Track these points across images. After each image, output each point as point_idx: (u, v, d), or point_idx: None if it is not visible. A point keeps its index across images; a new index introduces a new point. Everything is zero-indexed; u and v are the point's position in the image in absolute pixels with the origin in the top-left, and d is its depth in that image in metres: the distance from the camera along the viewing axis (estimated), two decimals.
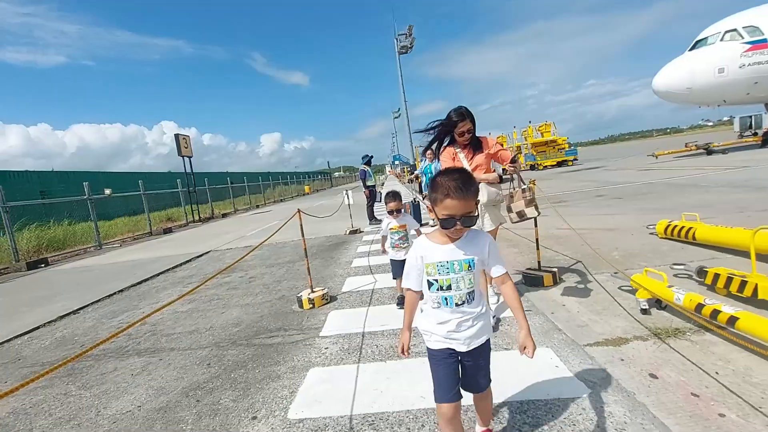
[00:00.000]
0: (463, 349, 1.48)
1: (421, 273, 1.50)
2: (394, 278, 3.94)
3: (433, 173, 7.81)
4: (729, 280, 2.73)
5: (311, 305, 3.95)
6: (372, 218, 10.10)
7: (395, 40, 37.41)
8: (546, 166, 26.92)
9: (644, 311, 2.78)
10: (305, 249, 4.29)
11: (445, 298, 1.46)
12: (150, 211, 17.52)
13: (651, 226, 5.06)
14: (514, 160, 3.08)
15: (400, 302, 3.77)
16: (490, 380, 1.62)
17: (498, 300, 3.37)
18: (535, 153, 28.13)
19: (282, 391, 2.43)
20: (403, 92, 36.77)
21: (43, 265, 10.01)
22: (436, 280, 1.47)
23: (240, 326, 3.72)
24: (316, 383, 2.48)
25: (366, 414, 2.08)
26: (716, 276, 2.85)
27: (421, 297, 1.58)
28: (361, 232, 8.89)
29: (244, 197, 27.65)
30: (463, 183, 1.39)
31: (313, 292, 4.10)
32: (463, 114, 2.98)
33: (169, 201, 23.31)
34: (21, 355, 3.79)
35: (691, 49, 17.47)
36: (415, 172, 11.14)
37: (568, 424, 1.81)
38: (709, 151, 17.57)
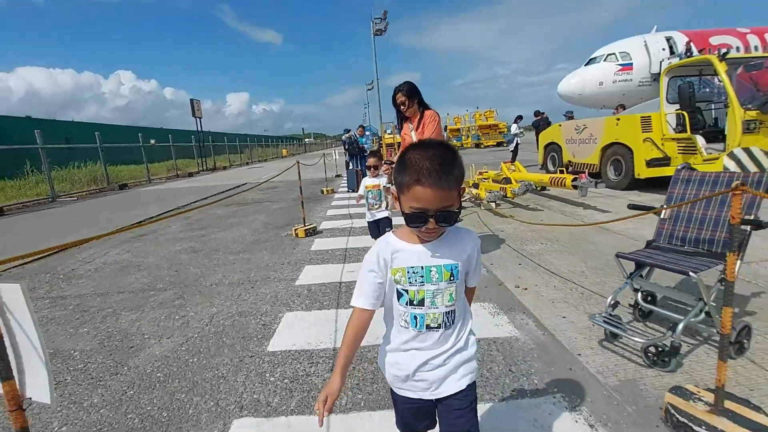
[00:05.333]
0: (430, 396, 1.08)
1: (383, 284, 1.06)
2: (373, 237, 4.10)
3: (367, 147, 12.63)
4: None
5: (327, 193, 9.75)
6: (347, 167, 15.89)
7: (371, 23, 41.79)
8: (487, 146, 33.26)
9: None
10: (324, 169, 10.06)
11: (415, 317, 1.04)
12: (150, 162, 22.11)
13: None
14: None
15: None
16: None
17: None
18: (480, 134, 34.42)
19: (327, 203, 8.24)
20: (376, 71, 41.48)
21: (127, 188, 15.07)
22: (406, 291, 1.04)
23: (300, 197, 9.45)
24: (337, 200, 8.29)
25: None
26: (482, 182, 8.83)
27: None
28: (341, 176, 14.65)
29: (236, 155, 32.36)
30: (443, 164, 0.92)
31: (327, 189, 9.88)
32: (398, 87, 3.29)
33: (161, 155, 26.91)
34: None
35: (585, 65, 23.72)
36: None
37: None
38: None
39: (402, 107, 3.33)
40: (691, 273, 1.84)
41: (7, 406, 1.00)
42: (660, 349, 1.95)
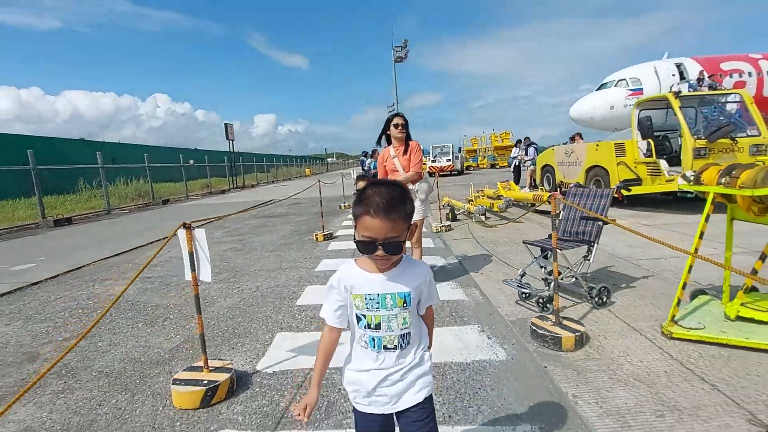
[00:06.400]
0: (388, 409, 1.20)
1: (346, 306, 1.21)
2: None
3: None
4: (479, 203, 9.85)
5: (345, 207, 11.08)
6: None
7: (392, 51, 44.02)
8: (502, 166, 34.25)
9: (448, 213, 9.90)
10: (343, 188, 11.40)
11: (373, 339, 1.18)
12: (188, 180, 24.11)
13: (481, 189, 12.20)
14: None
15: None
16: None
17: None
18: (496, 155, 35.54)
19: (343, 216, 9.55)
20: (396, 96, 43.40)
21: (169, 203, 16.86)
22: (364, 316, 1.17)
23: (321, 209, 10.82)
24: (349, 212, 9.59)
25: None
26: (476, 199, 9.96)
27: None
28: None
29: (263, 174, 34.50)
30: (391, 200, 1.09)
31: (344, 204, 11.22)
32: (397, 113, 3.92)
33: (195, 173, 29.37)
34: (261, 213, 10.80)
35: (597, 90, 24.72)
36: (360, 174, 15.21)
37: None
38: None
39: (400, 128, 3.84)
40: (557, 250, 2.97)
41: (192, 282, 2.27)
42: (543, 299, 3.07)
